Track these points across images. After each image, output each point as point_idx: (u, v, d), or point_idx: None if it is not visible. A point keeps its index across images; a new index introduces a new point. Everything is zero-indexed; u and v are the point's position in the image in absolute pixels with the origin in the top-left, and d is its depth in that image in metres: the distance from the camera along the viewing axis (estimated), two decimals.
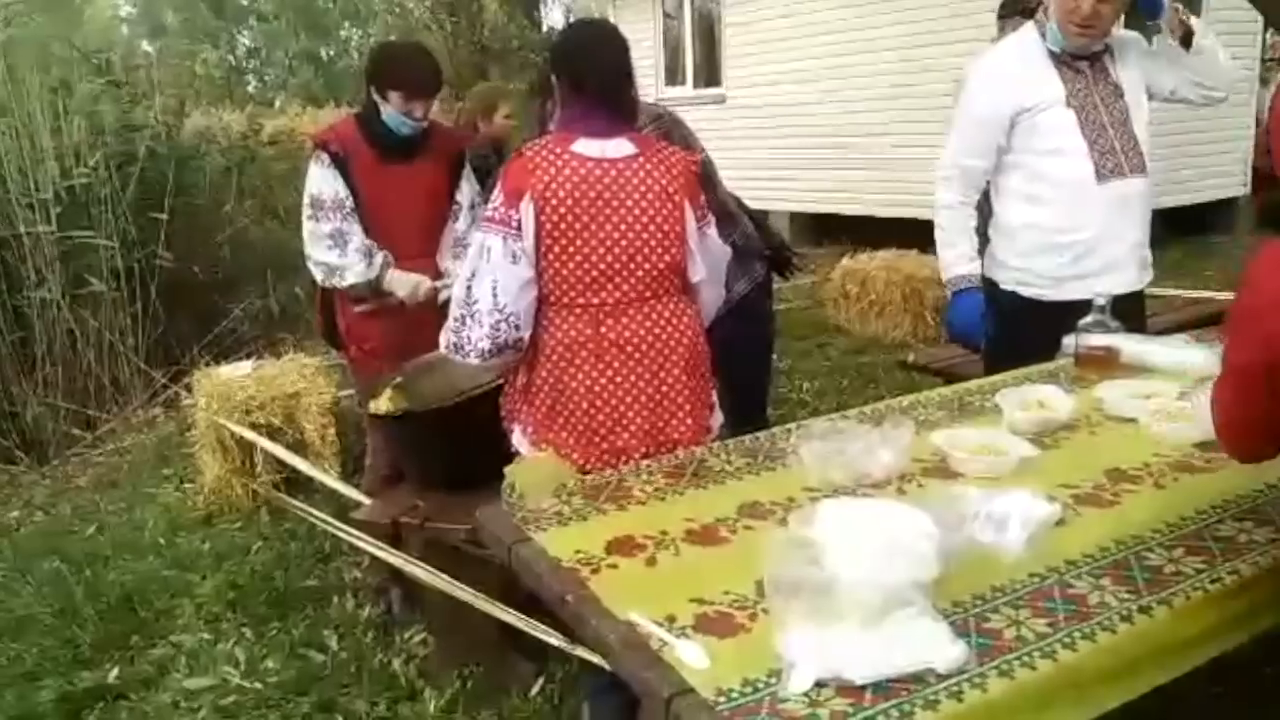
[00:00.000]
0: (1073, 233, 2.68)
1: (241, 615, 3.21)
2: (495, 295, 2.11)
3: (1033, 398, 2.19)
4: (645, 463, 2.08)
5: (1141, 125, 2.72)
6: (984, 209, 2.92)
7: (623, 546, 1.69)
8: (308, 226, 3.01)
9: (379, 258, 3.00)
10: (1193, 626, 1.48)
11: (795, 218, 10.09)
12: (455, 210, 3.15)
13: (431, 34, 18.66)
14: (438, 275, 3.09)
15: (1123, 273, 2.73)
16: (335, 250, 2.97)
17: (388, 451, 3.13)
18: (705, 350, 2.28)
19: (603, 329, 2.14)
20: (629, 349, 2.15)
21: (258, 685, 2.78)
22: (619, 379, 2.16)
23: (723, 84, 10.81)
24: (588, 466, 2.14)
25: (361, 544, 2.90)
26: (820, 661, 1.30)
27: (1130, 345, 2.46)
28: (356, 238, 2.99)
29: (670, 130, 2.84)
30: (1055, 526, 1.68)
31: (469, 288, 2.14)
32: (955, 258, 2.79)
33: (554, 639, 1.86)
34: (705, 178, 2.82)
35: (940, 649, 1.32)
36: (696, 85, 11.02)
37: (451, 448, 2.66)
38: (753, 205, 3.29)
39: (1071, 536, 1.66)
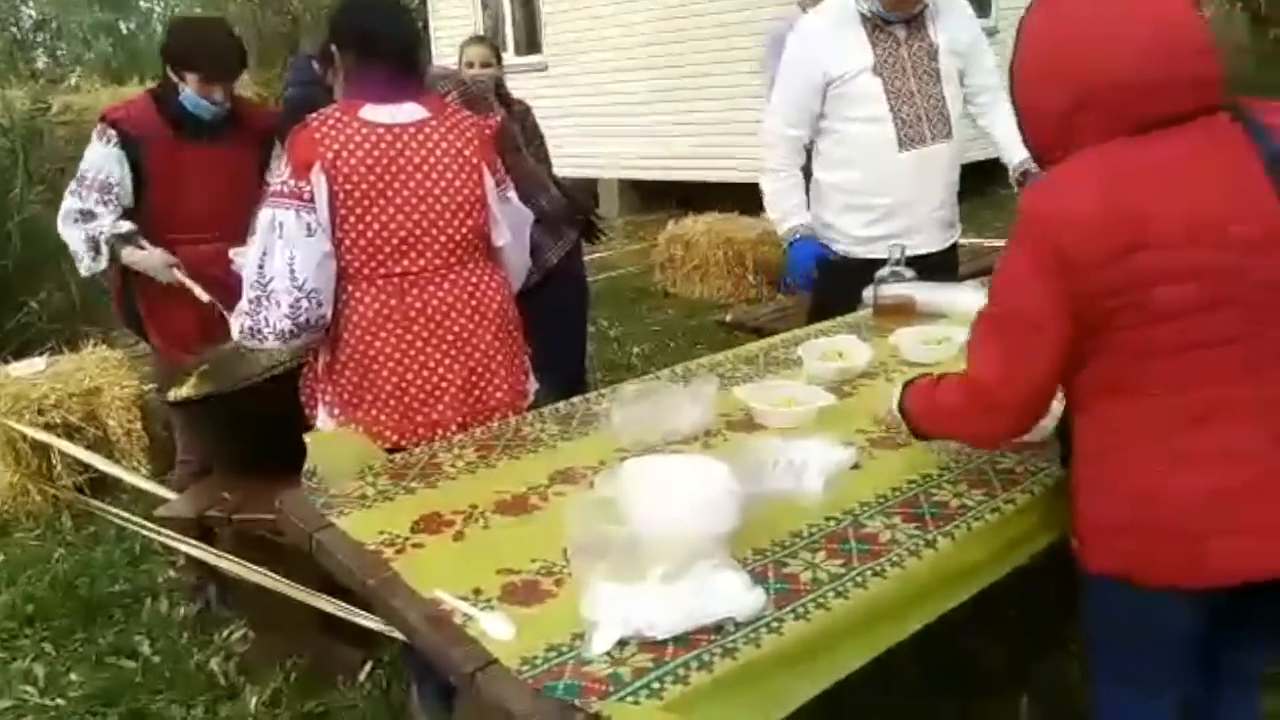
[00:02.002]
0: (876, 196, 2.78)
1: (41, 629, 2.99)
2: (293, 272, 2.00)
3: (832, 349, 2.27)
4: (458, 437, 2.04)
5: (953, 86, 2.79)
6: (806, 169, 3.00)
7: (430, 524, 1.66)
8: (64, 202, 2.86)
9: (104, 248, 2.84)
10: (976, 554, 1.57)
11: (623, 184, 10.14)
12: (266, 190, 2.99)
13: (238, 4, 17.70)
14: None
15: (926, 234, 2.86)
16: (79, 232, 2.84)
17: (197, 443, 2.97)
18: (516, 316, 2.26)
19: (408, 299, 2.08)
20: (438, 318, 2.11)
21: (59, 701, 2.61)
22: (429, 349, 2.11)
23: (544, 51, 10.70)
24: (403, 442, 2.09)
25: (171, 542, 2.76)
26: (623, 620, 1.31)
27: (924, 293, 2.58)
28: (102, 225, 2.83)
29: (475, 98, 2.78)
30: (851, 470, 1.75)
31: (261, 267, 2.02)
32: (784, 213, 2.84)
33: (373, 623, 1.82)
34: (508, 141, 2.79)
35: (739, 598, 1.35)
36: (518, 53, 10.86)
37: (259, 432, 2.53)
38: (580, 174, 3.31)
39: (866, 479, 1.73)
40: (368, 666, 2.60)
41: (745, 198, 7.66)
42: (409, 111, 2.07)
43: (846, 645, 1.41)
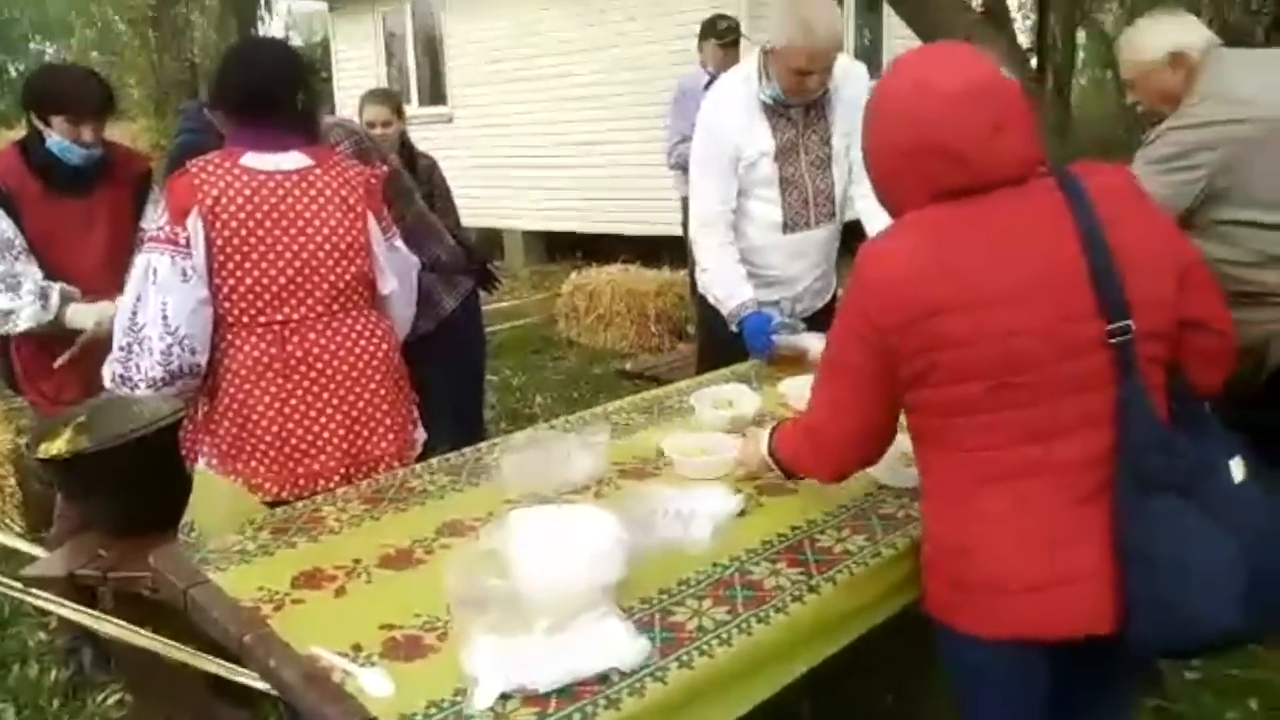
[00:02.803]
0: (760, 268, 2.87)
1: None
2: (166, 318, 1.97)
3: (723, 397, 2.30)
4: (342, 490, 2.00)
5: (842, 167, 2.85)
6: None
7: (311, 579, 1.62)
8: None
9: (55, 296, 2.71)
10: (858, 599, 1.60)
11: (528, 235, 10.16)
12: (140, 237, 2.89)
13: (134, 50, 17.32)
14: None
15: (804, 301, 2.97)
16: (6, 294, 2.66)
17: (72, 501, 2.84)
18: (402, 365, 2.23)
19: (289, 347, 2.05)
20: (320, 366, 2.07)
21: None
22: (310, 398, 2.07)
23: (448, 102, 10.72)
24: (283, 494, 2.05)
25: (40, 602, 2.62)
26: (505, 674, 1.29)
27: (815, 343, 2.65)
28: (30, 280, 2.68)
29: (368, 149, 2.76)
30: (739, 517, 1.77)
31: (134, 314, 1.98)
32: (729, 291, 2.81)
33: (260, 683, 1.76)
34: (401, 188, 2.78)
35: (623, 648, 1.35)
36: (422, 104, 10.85)
37: (135, 489, 2.44)
38: (485, 224, 3.30)
39: (754, 526, 1.75)
40: None
41: (647, 249, 7.79)
42: (292, 159, 2.06)
43: (731, 692, 1.42)
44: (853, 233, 3.00)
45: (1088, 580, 1.38)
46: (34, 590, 2.57)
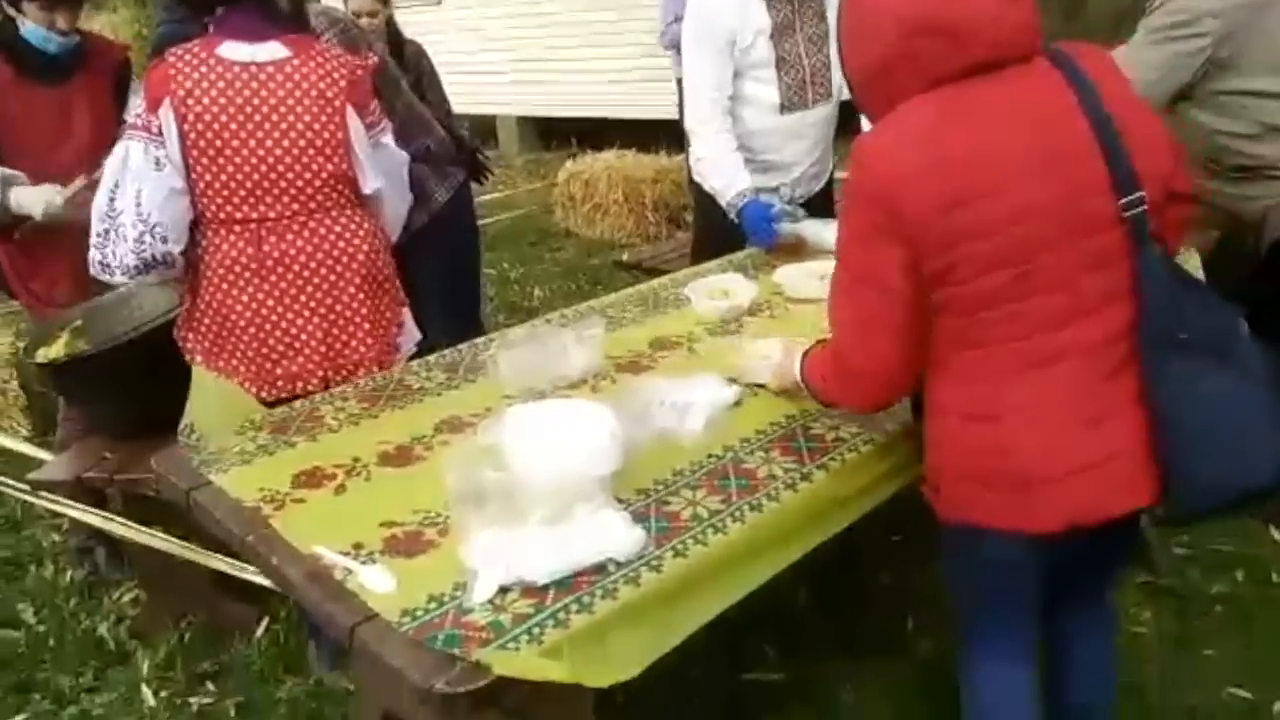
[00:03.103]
0: (755, 152, 2.80)
1: None
2: (139, 206, 1.95)
3: (719, 287, 2.29)
4: (339, 389, 2.01)
5: (837, 44, 2.77)
6: None
7: (311, 479, 1.64)
8: None
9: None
10: (849, 486, 1.62)
11: (522, 122, 9.96)
12: (123, 128, 2.83)
13: None
14: None
15: (803, 185, 2.92)
16: None
17: (73, 404, 2.86)
18: (388, 265, 2.19)
19: (265, 247, 2.02)
20: (296, 267, 2.04)
21: None
22: (288, 300, 2.05)
23: None
24: (262, 394, 2.06)
25: (51, 505, 2.67)
26: (504, 566, 1.32)
27: (811, 229, 2.62)
28: None
29: (354, 39, 2.68)
30: (733, 408, 1.78)
31: (111, 199, 1.97)
32: (728, 180, 2.75)
33: (265, 580, 1.80)
34: (389, 79, 2.70)
35: (620, 538, 1.38)
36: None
37: (136, 390, 2.46)
38: (477, 111, 3.20)
39: (748, 416, 1.76)
40: (263, 623, 2.57)
41: (643, 135, 7.63)
42: (270, 50, 1.99)
43: (726, 580, 1.45)
44: (850, 113, 2.94)
45: (1127, 455, 1.39)
46: (43, 493, 2.62)
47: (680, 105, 5.69)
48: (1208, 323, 1.37)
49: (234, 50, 1.97)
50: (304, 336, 2.07)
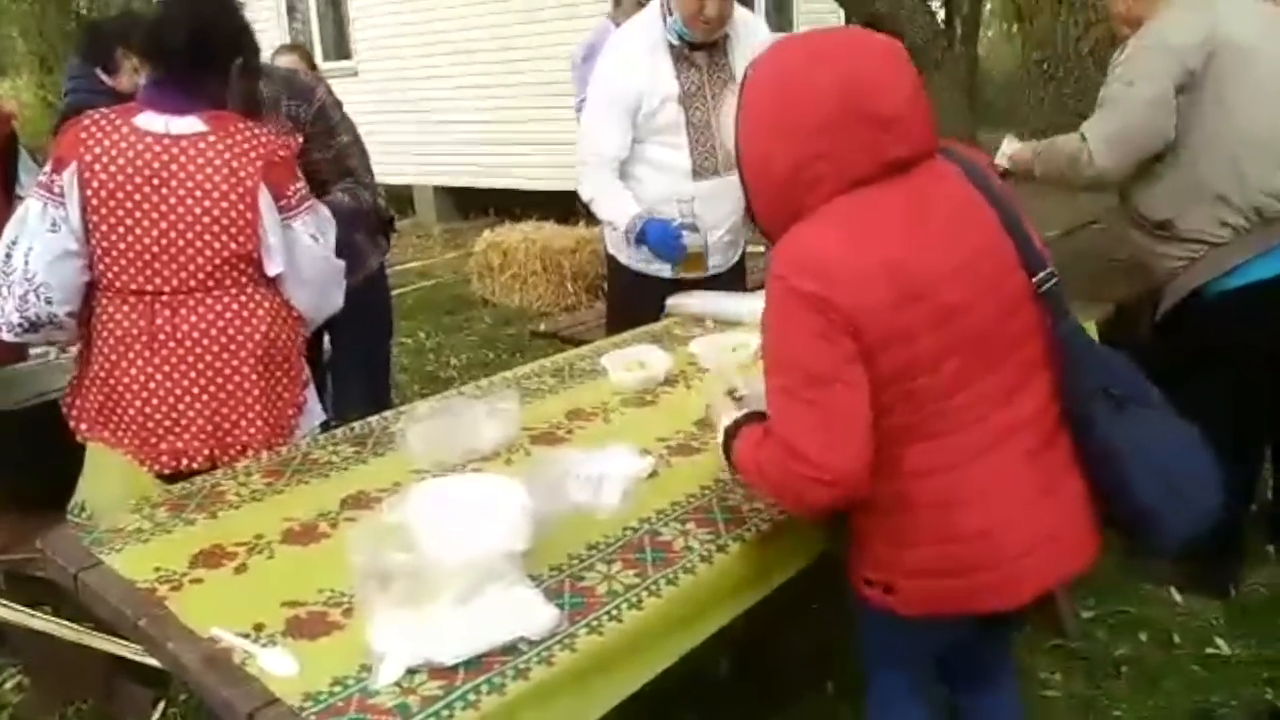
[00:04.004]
0: (675, 219, 2.78)
1: None
2: (27, 264, 1.95)
3: (634, 359, 2.30)
4: (243, 464, 1.94)
5: None
6: None
7: (210, 558, 1.57)
8: None
9: None
10: (766, 556, 1.62)
11: (439, 191, 9.97)
12: (19, 205, 2.71)
13: (16, 2, 16.37)
14: None
15: (713, 256, 2.89)
16: None
17: None
18: (289, 346, 2.11)
19: (158, 320, 1.98)
20: (188, 343, 1.99)
21: None
22: (176, 375, 2.00)
23: (353, 56, 10.40)
24: (148, 469, 2.02)
25: None
26: (411, 648, 1.28)
27: (717, 303, 2.67)
28: None
29: (299, 87, 2.65)
30: (649, 479, 1.77)
31: (8, 255, 1.97)
32: (620, 209, 2.76)
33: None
34: (333, 122, 2.68)
35: (532, 616, 1.35)
36: (327, 58, 10.47)
37: (25, 463, 2.35)
38: (395, 181, 3.18)
39: (663, 487, 1.76)
40: (160, 707, 2.45)
41: (561, 206, 7.70)
42: (188, 124, 1.96)
43: (641, 655, 1.42)
44: None
45: (1074, 518, 1.46)
46: None
47: None
48: (1130, 376, 1.46)
49: (150, 121, 1.96)
50: (190, 413, 2.01)
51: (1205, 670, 2.45)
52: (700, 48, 2.72)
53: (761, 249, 3.43)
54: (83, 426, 2.06)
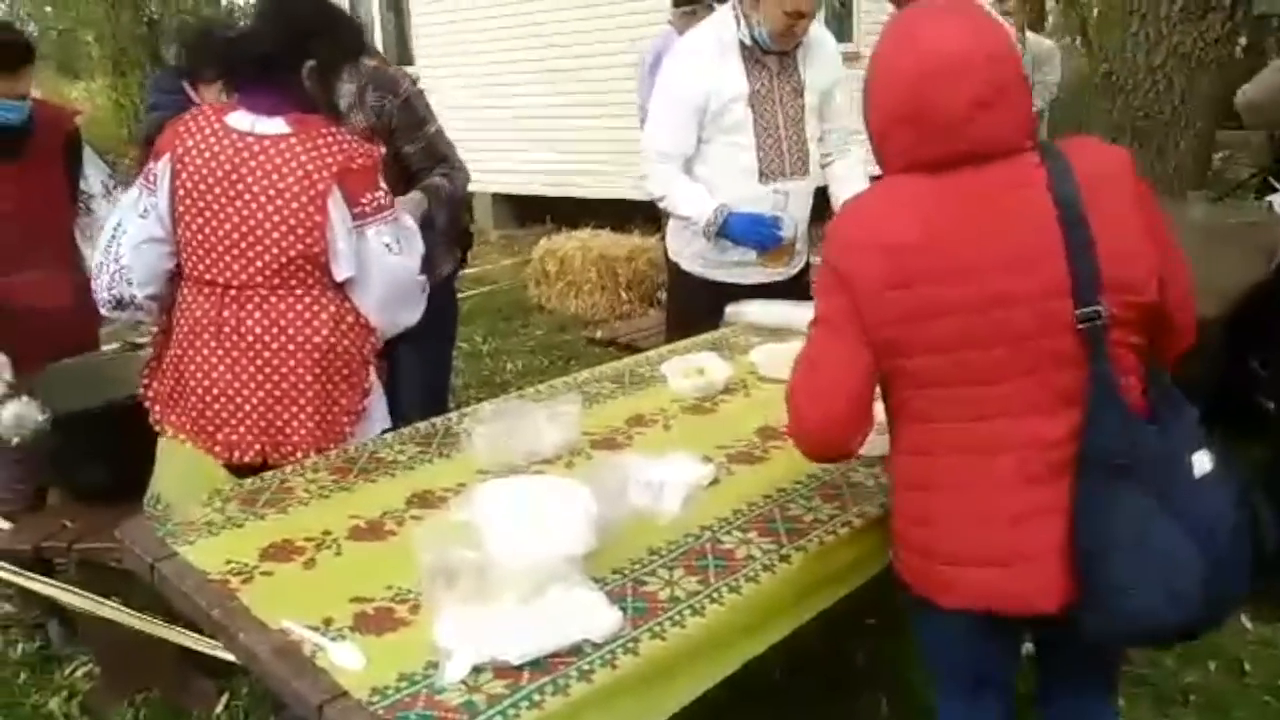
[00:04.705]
0: None
1: None
2: (118, 245, 2.08)
3: (694, 365, 2.30)
4: (311, 460, 1.98)
5: (814, 125, 2.86)
6: None
7: (280, 552, 1.61)
8: None
9: None
10: (827, 568, 1.61)
11: (497, 199, 10.06)
12: (85, 201, 2.78)
13: (90, 6, 16.86)
14: (72, 280, 2.75)
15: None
16: None
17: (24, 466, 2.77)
18: (351, 353, 2.10)
19: (225, 313, 2.04)
20: (249, 338, 2.03)
21: None
22: (237, 368, 2.04)
23: (415, 62, 10.54)
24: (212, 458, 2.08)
25: (10, 575, 2.59)
26: (477, 646, 1.29)
27: (781, 313, 2.66)
28: None
29: (393, 77, 2.70)
30: (710, 487, 1.78)
31: (113, 236, 2.10)
32: (700, 206, 2.74)
33: (228, 654, 1.75)
34: (418, 114, 2.70)
35: (595, 619, 1.36)
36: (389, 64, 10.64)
37: (108, 454, 2.42)
38: None
39: (724, 495, 1.76)
40: (224, 698, 2.50)
41: (618, 214, 7.74)
42: (273, 125, 2.01)
43: (702, 663, 1.42)
44: (826, 198, 3.00)
45: (1038, 559, 1.39)
46: (1, 564, 2.55)
47: None
48: (1151, 452, 1.34)
49: (239, 120, 2.02)
50: (247, 407, 2.05)
51: (1277, 701, 2.38)
52: (772, 52, 2.73)
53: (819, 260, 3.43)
54: (156, 409, 2.14)
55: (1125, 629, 1.37)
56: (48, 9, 18.59)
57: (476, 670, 1.27)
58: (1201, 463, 1.36)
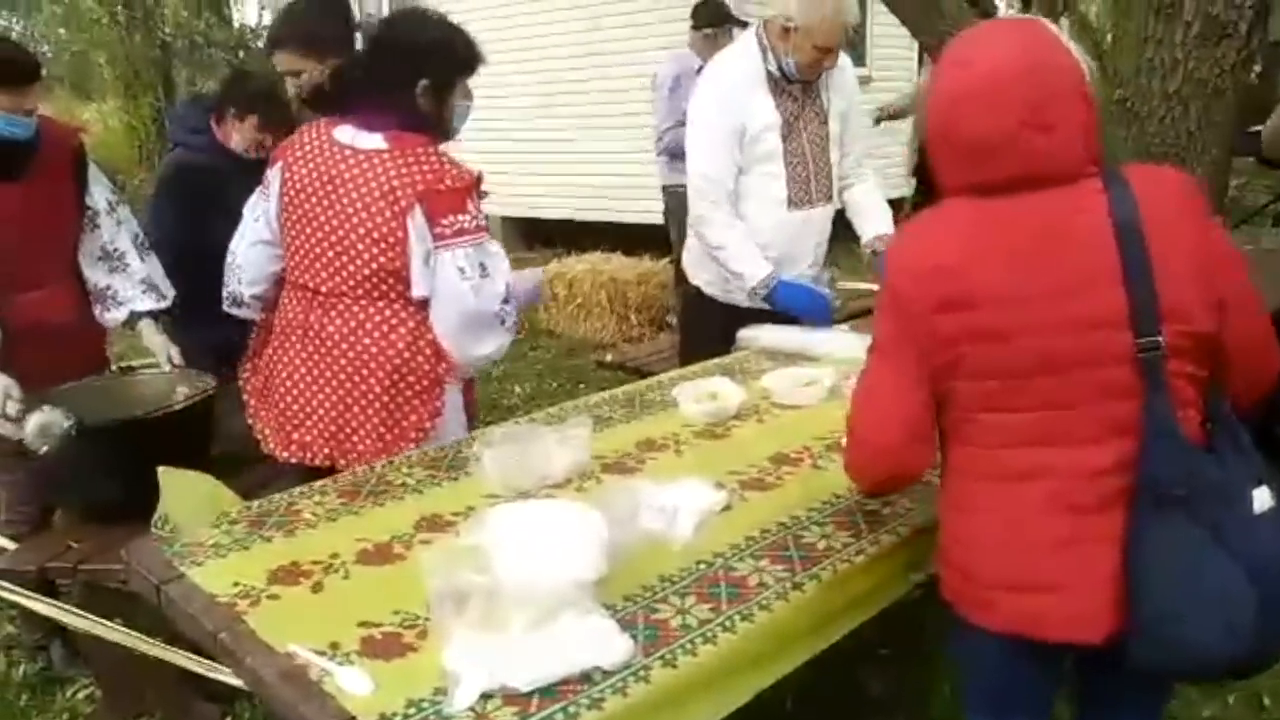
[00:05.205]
0: (761, 249, 2.79)
1: None
2: (238, 245, 2.25)
3: (706, 390, 2.28)
4: (319, 483, 1.97)
5: (836, 151, 2.89)
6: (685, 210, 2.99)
7: (287, 575, 1.59)
8: None
9: None
10: (841, 596, 1.59)
11: (505, 222, 10.09)
12: (90, 217, 2.74)
13: (104, 28, 17.02)
14: (77, 297, 2.76)
15: None
16: None
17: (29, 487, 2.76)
18: (424, 370, 2.12)
19: (311, 317, 2.13)
20: (329, 343, 2.11)
21: None
22: (315, 373, 2.13)
23: None
24: (280, 453, 2.20)
25: (11, 597, 2.57)
26: (486, 672, 1.27)
27: (796, 337, 2.64)
28: None
29: None
30: (722, 513, 1.76)
31: (239, 235, 2.26)
32: (753, 267, 2.75)
33: (233, 678, 1.73)
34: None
35: (606, 646, 1.33)
36: None
37: (116, 473, 2.40)
38: None
39: (737, 521, 1.74)
40: None
41: (627, 239, 7.75)
42: (372, 140, 2.06)
43: (715, 693, 1.40)
44: (845, 221, 3.02)
45: (1085, 587, 1.36)
46: (4, 584, 2.53)
47: (665, 211, 5.80)
48: (1208, 483, 1.32)
49: (344, 133, 2.09)
50: (320, 411, 2.14)
51: None
52: (797, 81, 2.74)
53: (854, 284, 3.43)
54: (251, 403, 2.27)
55: (1174, 660, 1.34)
56: (61, 30, 18.74)
57: (485, 697, 1.25)
58: (1262, 499, 1.33)
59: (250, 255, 2.23)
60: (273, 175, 2.16)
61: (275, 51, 2.79)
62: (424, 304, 2.08)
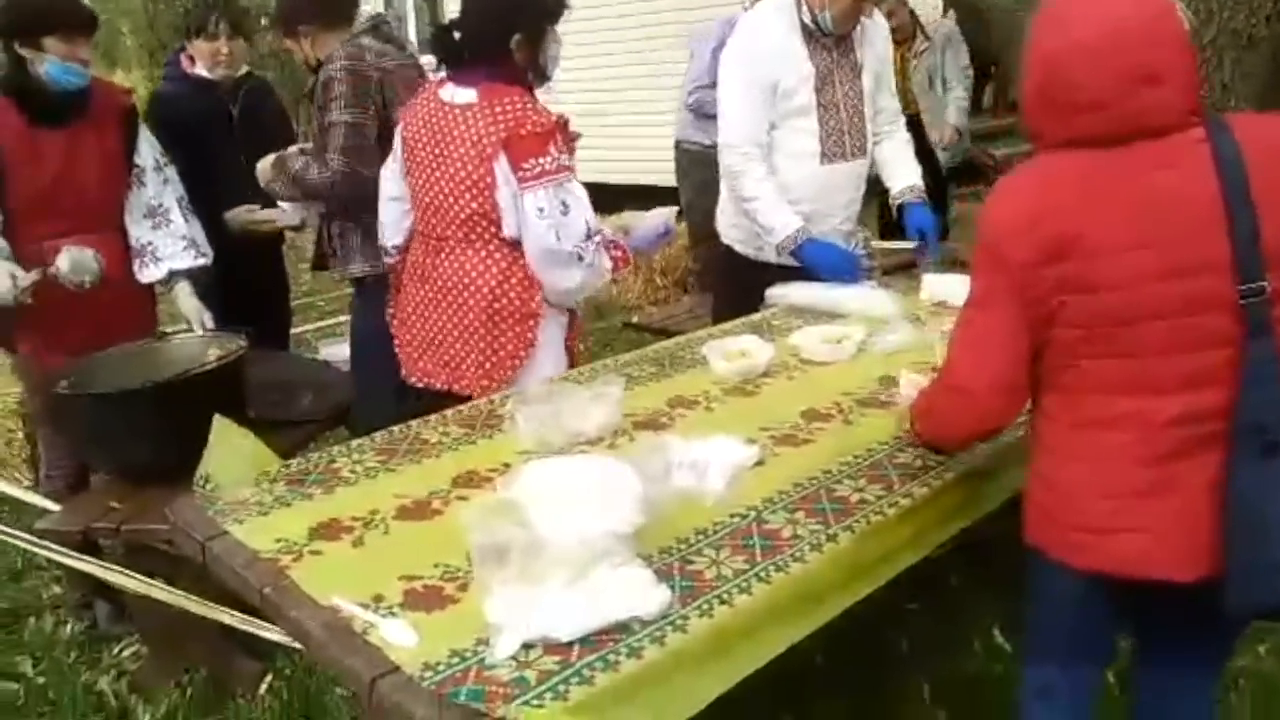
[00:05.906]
0: (793, 204, 2.77)
1: None
2: (381, 202, 2.51)
3: (735, 348, 2.29)
4: (356, 442, 2.00)
5: (870, 105, 2.86)
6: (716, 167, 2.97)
7: (328, 530, 1.62)
8: None
9: None
10: (875, 549, 1.60)
11: None
12: (138, 174, 2.80)
13: None
14: (125, 249, 2.81)
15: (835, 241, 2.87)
16: None
17: (67, 446, 2.81)
18: (518, 304, 2.26)
19: (428, 260, 2.34)
20: (439, 284, 2.32)
21: None
22: (430, 309, 2.35)
23: None
24: (411, 380, 2.44)
25: (54, 555, 2.63)
26: (527, 623, 1.30)
27: (826, 294, 2.63)
28: None
29: (326, 83, 2.72)
30: (754, 468, 1.77)
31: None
32: (783, 221, 2.74)
33: (274, 634, 1.77)
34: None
35: (644, 596, 1.36)
36: (421, 53, 10.64)
37: (156, 433, 2.44)
38: None
39: (769, 476, 1.75)
40: (268, 679, 2.53)
41: (651, 199, 7.67)
42: (467, 95, 2.22)
43: (750, 643, 1.42)
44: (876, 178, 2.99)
45: (1173, 532, 1.39)
46: (50, 545, 2.59)
47: (678, 170, 5.72)
48: None
49: (446, 90, 2.27)
50: (435, 344, 2.36)
51: None
52: (831, 34, 2.71)
53: (889, 244, 3.40)
54: (396, 336, 2.49)
55: (1269, 602, 1.36)
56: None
57: (527, 647, 1.28)
58: None
59: (388, 210, 2.48)
60: (397, 136, 2.38)
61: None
62: (516, 243, 2.24)
